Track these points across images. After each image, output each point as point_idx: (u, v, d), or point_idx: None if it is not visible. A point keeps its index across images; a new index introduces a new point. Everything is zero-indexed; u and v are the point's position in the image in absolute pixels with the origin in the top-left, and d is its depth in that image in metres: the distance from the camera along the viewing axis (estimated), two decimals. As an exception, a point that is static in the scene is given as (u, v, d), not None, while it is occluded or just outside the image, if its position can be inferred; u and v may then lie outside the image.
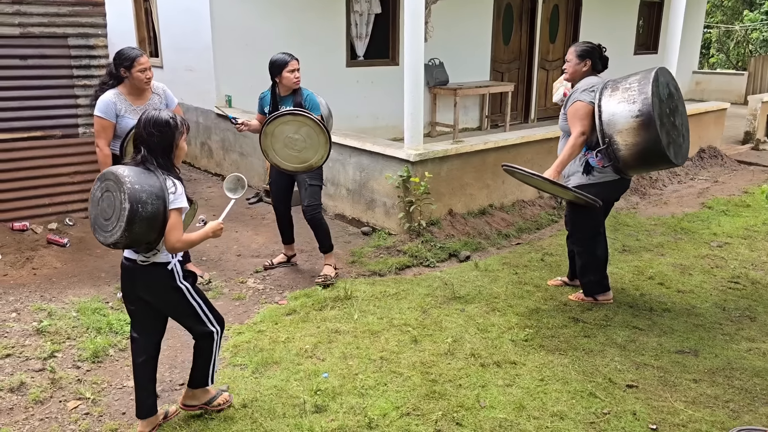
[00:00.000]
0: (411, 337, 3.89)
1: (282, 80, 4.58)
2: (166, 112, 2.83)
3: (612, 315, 4.22)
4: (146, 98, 4.37)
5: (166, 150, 2.80)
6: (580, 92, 4.02)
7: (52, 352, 3.66)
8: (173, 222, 2.72)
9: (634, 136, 3.82)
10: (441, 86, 9.86)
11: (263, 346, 3.78)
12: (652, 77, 3.85)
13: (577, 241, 4.38)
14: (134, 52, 4.25)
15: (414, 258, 5.27)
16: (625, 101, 3.83)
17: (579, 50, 4.16)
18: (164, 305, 2.97)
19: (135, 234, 2.65)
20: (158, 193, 2.67)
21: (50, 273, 4.95)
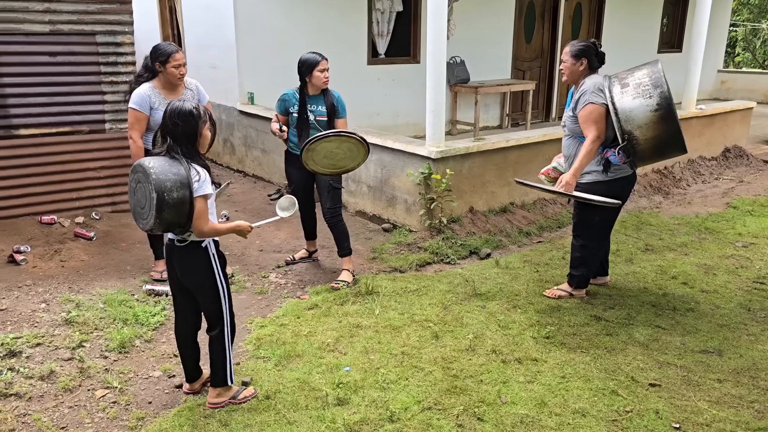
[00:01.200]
0: (432, 332, 3.91)
1: (312, 80, 4.55)
2: (190, 102, 2.91)
3: (634, 314, 4.19)
4: (179, 93, 4.46)
5: (191, 139, 2.90)
6: (589, 93, 3.97)
7: (80, 342, 3.74)
8: (199, 209, 2.84)
9: (654, 129, 3.84)
10: (462, 84, 9.84)
11: (286, 340, 3.83)
12: (661, 70, 3.86)
13: (585, 236, 4.33)
14: (170, 48, 4.37)
15: (435, 255, 5.28)
16: (640, 96, 3.83)
17: (573, 50, 4.11)
18: (193, 284, 3.08)
19: (166, 219, 2.82)
20: (183, 181, 2.79)
21: (77, 265, 5.04)
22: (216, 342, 3.10)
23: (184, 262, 3.03)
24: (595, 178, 4.12)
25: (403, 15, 9.37)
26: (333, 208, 4.76)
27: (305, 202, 4.93)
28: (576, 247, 4.39)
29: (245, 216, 6.54)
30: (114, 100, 6.04)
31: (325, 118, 4.63)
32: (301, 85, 4.66)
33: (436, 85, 5.44)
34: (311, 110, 4.63)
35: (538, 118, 11.39)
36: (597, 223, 4.27)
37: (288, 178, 4.92)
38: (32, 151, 5.75)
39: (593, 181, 4.13)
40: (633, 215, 6.43)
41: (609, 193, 4.14)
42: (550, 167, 4.46)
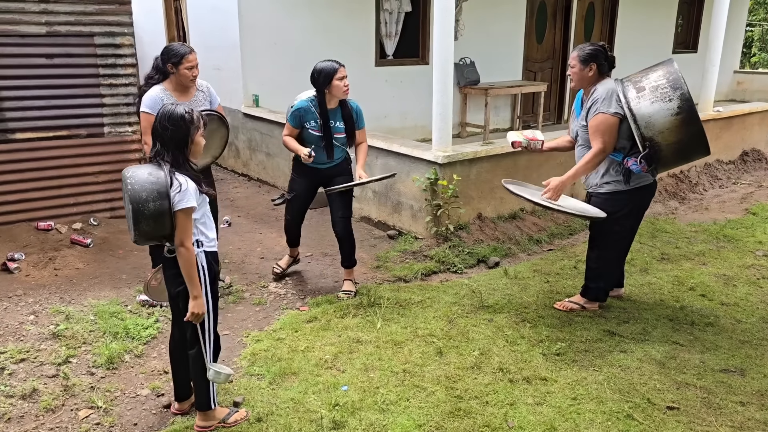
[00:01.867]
0: (436, 348, 3.71)
1: (332, 90, 4.20)
2: (183, 106, 2.75)
3: (650, 329, 3.97)
4: (191, 95, 4.30)
5: (179, 145, 2.75)
6: (601, 102, 3.75)
7: (66, 357, 3.58)
8: (179, 223, 2.67)
9: (676, 133, 3.64)
10: (472, 86, 9.63)
11: (282, 355, 3.64)
12: (678, 70, 3.66)
13: (602, 247, 4.11)
14: (184, 49, 4.19)
15: (441, 264, 5.08)
16: (659, 100, 3.61)
17: (582, 54, 3.87)
18: (178, 295, 2.89)
19: (145, 231, 2.69)
20: (161, 191, 2.65)
21: (71, 274, 4.90)
22: (195, 362, 2.92)
23: (171, 272, 2.86)
24: (615, 188, 3.91)
25: (412, 15, 9.18)
26: (346, 217, 4.52)
27: (298, 215, 4.72)
28: (592, 259, 4.17)
29: (247, 222, 6.38)
30: (113, 104, 5.90)
31: (344, 135, 4.39)
32: (319, 97, 4.28)
33: (442, 87, 5.24)
34: (334, 127, 4.35)
35: (549, 120, 11.16)
36: (616, 233, 4.04)
37: (291, 186, 4.63)
38: (29, 155, 5.62)
39: (613, 191, 3.92)
40: (648, 222, 6.18)
41: (630, 204, 3.95)
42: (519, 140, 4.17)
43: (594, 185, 4.03)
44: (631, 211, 4.02)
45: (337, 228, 4.54)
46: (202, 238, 2.83)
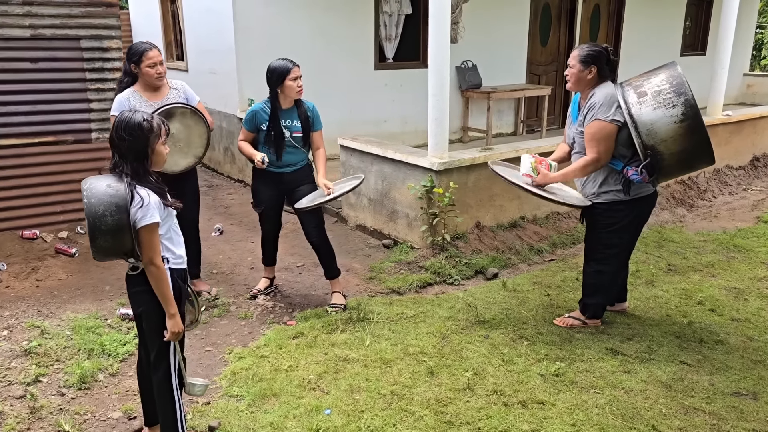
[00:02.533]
0: (427, 368, 3.50)
1: (284, 90, 4.07)
2: (141, 113, 2.55)
3: (656, 347, 3.74)
4: (163, 94, 4.15)
5: (138, 156, 2.54)
6: (599, 107, 3.52)
7: (36, 376, 3.39)
8: (144, 240, 2.47)
9: (680, 142, 3.41)
10: (474, 89, 9.41)
11: (263, 375, 3.44)
12: (682, 73, 3.44)
13: (600, 260, 3.88)
14: (142, 46, 4.03)
15: (437, 275, 4.87)
16: (662, 106, 3.39)
17: (583, 55, 3.63)
18: (141, 314, 2.70)
19: (103, 248, 2.49)
20: (120, 204, 2.44)
21: (53, 285, 4.72)
22: (161, 386, 2.70)
23: (134, 289, 2.66)
24: (614, 198, 3.70)
25: (412, 18, 8.98)
26: (320, 226, 4.34)
27: (273, 224, 4.50)
28: (590, 274, 3.95)
29: (240, 230, 6.20)
30: (100, 108, 5.72)
31: (301, 134, 4.22)
32: (271, 97, 4.18)
33: (439, 91, 5.04)
34: (286, 126, 4.17)
35: (554, 124, 10.91)
36: (614, 246, 3.83)
37: (255, 197, 4.41)
38: (13, 162, 5.45)
39: (612, 200, 3.71)
40: (654, 230, 5.95)
41: (630, 215, 3.74)
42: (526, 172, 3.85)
43: (591, 194, 3.80)
44: (631, 222, 3.80)
45: (312, 238, 4.35)
46: (168, 255, 2.64)
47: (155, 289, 2.56)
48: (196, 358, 3.70)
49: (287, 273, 5.06)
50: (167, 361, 2.68)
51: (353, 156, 5.99)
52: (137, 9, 10.76)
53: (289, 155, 4.22)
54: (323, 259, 4.40)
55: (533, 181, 3.74)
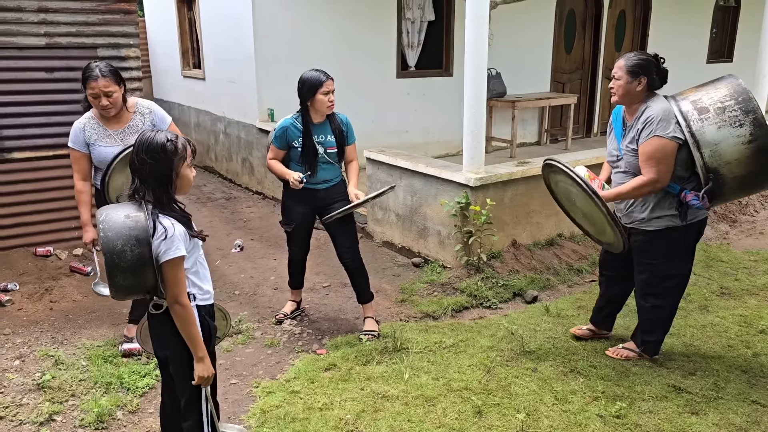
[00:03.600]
0: (473, 406, 3.20)
1: (315, 104, 3.81)
2: (165, 133, 2.28)
3: (722, 383, 3.42)
4: (125, 120, 3.62)
5: (162, 181, 2.27)
6: (658, 123, 3.17)
7: (50, 414, 3.12)
8: (168, 276, 2.20)
9: (746, 165, 3.10)
10: (498, 98, 9.13)
11: (296, 415, 3.15)
12: (747, 89, 3.12)
13: (659, 293, 3.52)
14: (87, 72, 3.44)
15: (473, 298, 4.58)
16: (727, 125, 3.07)
17: (631, 64, 3.27)
18: (166, 358, 2.45)
19: (123, 286, 2.23)
20: (140, 237, 2.18)
21: (68, 307, 4.47)
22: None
23: (158, 330, 2.40)
24: (669, 224, 3.36)
25: (435, 24, 8.71)
26: (353, 245, 4.06)
27: (302, 244, 4.23)
28: (647, 309, 3.59)
29: (261, 246, 5.93)
30: (117, 120, 5.48)
31: (335, 150, 3.95)
32: (302, 110, 3.91)
33: (475, 103, 4.75)
34: (319, 141, 3.91)
35: (578, 133, 10.61)
36: (674, 277, 3.48)
37: (286, 215, 4.13)
38: (27, 176, 5.22)
39: (667, 227, 3.37)
40: (700, 248, 5.57)
41: (687, 242, 3.43)
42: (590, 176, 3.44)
43: (638, 220, 3.44)
44: (687, 249, 3.48)
45: (345, 258, 4.07)
46: (195, 291, 2.36)
47: (181, 330, 2.29)
48: (221, 393, 3.41)
49: (313, 294, 4.78)
50: (198, 410, 2.41)
51: (381, 169, 5.71)
52: (153, 16, 10.57)
53: (323, 171, 3.95)
54: (357, 282, 4.13)
55: None
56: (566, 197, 3.61)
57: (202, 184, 8.44)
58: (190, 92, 9.50)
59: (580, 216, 3.67)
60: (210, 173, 9.10)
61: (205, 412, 2.43)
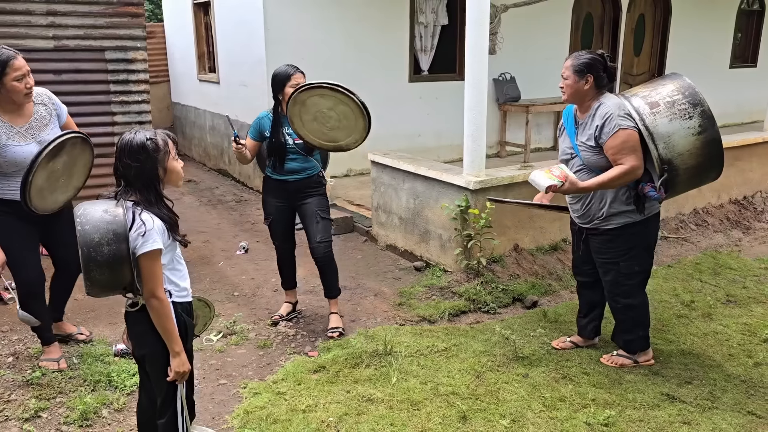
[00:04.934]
0: (459, 411, 3.15)
1: (285, 97, 3.86)
2: (143, 133, 2.28)
3: (719, 393, 3.32)
4: (29, 114, 3.32)
5: (149, 180, 2.27)
6: (618, 117, 3.20)
7: (36, 410, 3.15)
8: (144, 269, 2.22)
9: (697, 156, 3.17)
10: (512, 103, 9.06)
11: (279, 416, 3.13)
12: (692, 83, 3.19)
13: (626, 292, 3.51)
14: (5, 56, 3.16)
15: (471, 302, 4.52)
16: (677, 117, 3.13)
17: (577, 64, 3.30)
18: (143, 356, 2.45)
19: (99, 281, 2.22)
20: (117, 231, 2.18)
21: (68, 306, 4.47)
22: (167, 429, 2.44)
23: (135, 329, 2.41)
24: (629, 220, 3.37)
25: (449, 29, 8.69)
26: (324, 241, 4.08)
27: (285, 240, 4.28)
28: (620, 310, 3.58)
29: (266, 248, 5.93)
30: (125, 122, 5.58)
31: (302, 141, 3.94)
32: (274, 103, 4.02)
33: (476, 105, 4.71)
34: (287, 133, 3.97)
35: (595, 139, 10.46)
36: (637, 273, 3.48)
37: (264, 209, 4.24)
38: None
39: (627, 223, 3.38)
40: (708, 255, 5.49)
41: (649, 238, 3.44)
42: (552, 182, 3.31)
43: (597, 218, 3.42)
44: (649, 244, 3.48)
45: (317, 254, 4.10)
46: (171, 288, 2.37)
47: (157, 325, 2.30)
48: (208, 393, 3.43)
49: (311, 296, 4.77)
50: (174, 408, 2.41)
51: (384, 172, 5.69)
52: (171, 21, 10.73)
53: (292, 162, 4.00)
54: (326, 276, 4.18)
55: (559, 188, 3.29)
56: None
57: (214, 187, 8.51)
58: (206, 96, 9.60)
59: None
60: (223, 176, 9.17)
61: (179, 411, 2.42)
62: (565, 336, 3.95)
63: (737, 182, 6.66)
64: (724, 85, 11.12)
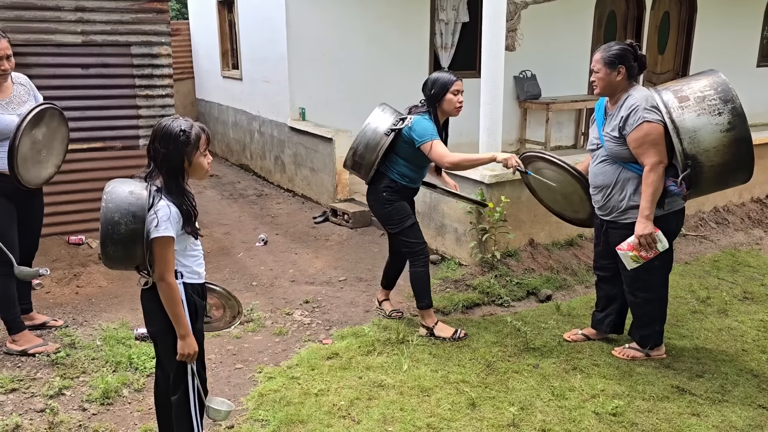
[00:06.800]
0: (468, 399, 3.20)
1: (443, 105, 3.71)
2: (181, 122, 2.36)
3: (730, 387, 3.32)
4: (8, 91, 3.56)
5: (173, 170, 2.35)
6: (643, 110, 3.18)
7: (60, 388, 3.28)
8: (156, 254, 2.30)
9: (723, 154, 3.11)
10: (532, 100, 9.05)
11: (292, 398, 3.22)
12: (727, 81, 3.13)
13: (646, 288, 3.50)
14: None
15: (485, 295, 4.56)
16: (706, 113, 3.08)
17: (607, 56, 3.28)
18: (154, 333, 2.54)
19: (113, 257, 2.34)
20: (137, 213, 2.28)
21: (92, 292, 4.66)
22: (179, 409, 2.52)
23: (147, 305, 2.50)
24: None
25: (469, 26, 8.71)
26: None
27: None
28: (638, 304, 3.56)
29: (285, 240, 6.05)
30: (149, 115, 5.70)
31: None
32: (431, 111, 3.77)
33: (491, 100, 4.76)
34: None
35: (617, 137, 10.39)
36: (656, 268, 3.44)
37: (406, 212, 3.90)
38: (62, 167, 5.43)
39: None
40: (727, 253, 5.45)
41: (668, 233, 3.37)
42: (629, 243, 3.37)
43: (615, 210, 3.42)
44: (670, 240, 3.42)
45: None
46: (182, 269, 2.45)
47: (166, 307, 2.38)
48: (225, 376, 3.53)
49: (328, 287, 4.85)
50: (186, 385, 2.50)
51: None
52: (196, 19, 10.90)
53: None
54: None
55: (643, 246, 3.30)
56: (545, 187, 3.85)
57: (236, 181, 8.65)
58: (229, 92, 9.75)
59: (560, 201, 3.92)
60: (245, 171, 9.32)
61: (191, 387, 2.51)
62: (578, 328, 3.97)
63: (760, 181, 6.58)
64: (752, 84, 10.94)
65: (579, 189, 3.69)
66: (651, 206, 3.23)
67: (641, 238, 3.24)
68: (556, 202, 4.01)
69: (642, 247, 3.26)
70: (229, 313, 2.94)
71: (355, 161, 3.89)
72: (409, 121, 3.72)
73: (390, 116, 3.88)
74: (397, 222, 3.88)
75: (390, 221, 3.92)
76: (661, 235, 3.26)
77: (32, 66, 5.15)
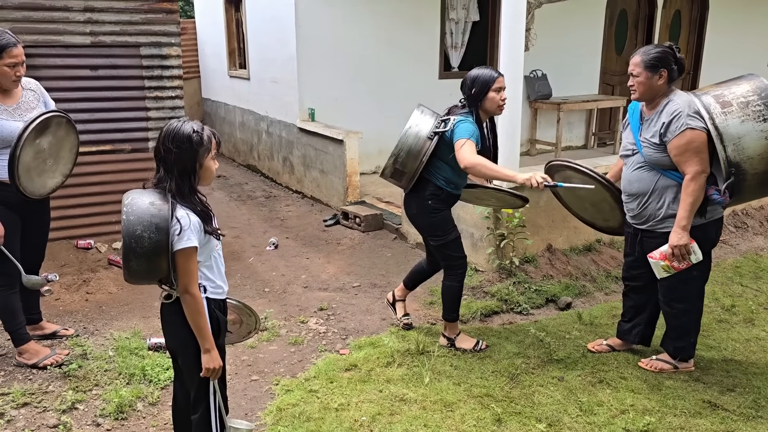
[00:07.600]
0: (493, 414, 3.10)
1: (485, 104, 3.52)
2: (192, 124, 2.27)
3: (763, 401, 3.22)
4: (17, 96, 3.50)
5: (185, 171, 2.26)
6: (686, 116, 3.06)
7: (73, 402, 3.18)
8: (180, 265, 2.22)
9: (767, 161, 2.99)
10: (543, 100, 8.94)
11: (311, 414, 3.12)
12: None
13: (683, 299, 3.39)
14: (5, 39, 3.27)
15: (503, 302, 4.46)
16: (750, 119, 2.97)
17: (648, 59, 3.14)
18: (175, 349, 2.46)
19: (136, 271, 2.24)
20: (160, 224, 2.18)
21: (103, 299, 4.58)
22: (200, 427, 2.43)
23: (168, 320, 2.41)
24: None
25: (480, 25, 8.60)
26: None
27: None
28: (673, 315, 3.45)
29: (295, 244, 5.95)
30: (158, 117, 5.59)
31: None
32: (474, 112, 3.56)
33: (510, 102, 4.61)
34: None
35: (628, 137, 10.28)
36: (694, 279, 3.34)
37: (451, 224, 3.72)
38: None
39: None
40: (749, 259, 5.35)
41: (708, 241, 3.28)
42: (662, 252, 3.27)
43: (652, 219, 3.31)
44: (706, 249, 3.32)
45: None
46: (207, 284, 2.36)
47: (190, 320, 2.29)
48: (241, 389, 3.43)
49: (342, 294, 4.76)
50: (207, 403, 2.41)
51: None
52: (203, 18, 10.80)
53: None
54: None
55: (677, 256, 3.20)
56: (574, 196, 3.80)
57: (243, 182, 8.56)
58: (236, 92, 9.66)
59: (589, 209, 3.85)
60: (252, 172, 9.22)
61: (213, 406, 2.42)
62: (602, 339, 3.87)
63: (778, 183, 6.47)
64: (763, 84, 10.83)
65: (609, 197, 3.59)
66: (689, 216, 3.12)
67: (675, 248, 3.13)
68: (584, 210, 3.92)
69: (675, 257, 3.16)
70: (245, 328, 2.85)
71: (396, 169, 3.61)
72: (452, 123, 3.52)
73: (430, 118, 3.67)
74: (441, 234, 3.67)
75: (435, 232, 3.69)
76: (695, 247, 3.15)
77: (40, 67, 5.05)
